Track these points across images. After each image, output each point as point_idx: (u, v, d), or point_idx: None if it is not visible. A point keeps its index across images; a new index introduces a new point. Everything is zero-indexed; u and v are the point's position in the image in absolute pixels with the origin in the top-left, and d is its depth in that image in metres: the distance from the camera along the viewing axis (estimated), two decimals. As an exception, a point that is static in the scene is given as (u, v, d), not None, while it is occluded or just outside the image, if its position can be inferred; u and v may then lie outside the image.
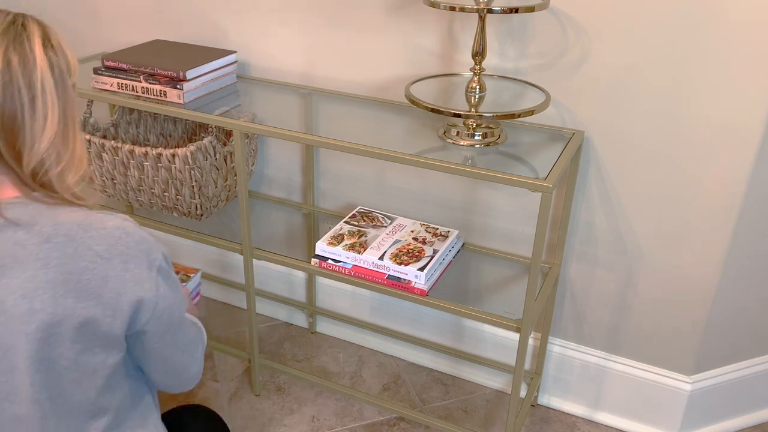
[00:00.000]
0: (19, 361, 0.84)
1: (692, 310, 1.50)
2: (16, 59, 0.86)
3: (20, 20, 0.90)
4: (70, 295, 0.83)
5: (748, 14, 1.22)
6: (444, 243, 1.51)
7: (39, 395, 0.86)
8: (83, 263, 0.84)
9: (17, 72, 0.85)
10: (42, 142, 0.87)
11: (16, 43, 0.87)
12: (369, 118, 1.55)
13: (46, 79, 0.88)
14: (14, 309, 0.82)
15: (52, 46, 0.91)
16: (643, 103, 1.37)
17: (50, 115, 0.88)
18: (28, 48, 0.87)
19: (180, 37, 1.81)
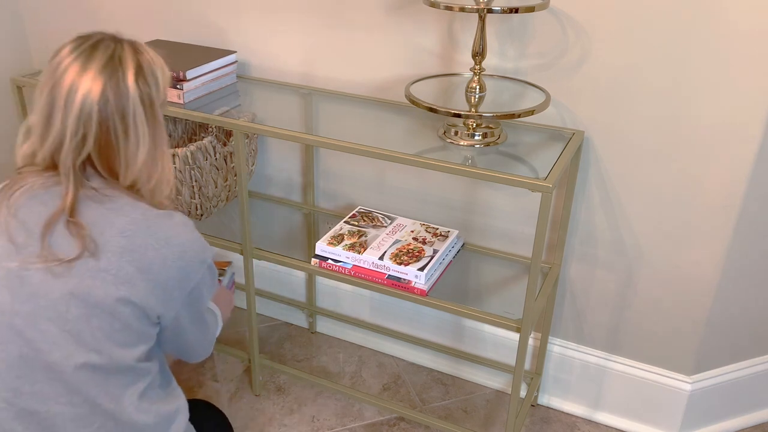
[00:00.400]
0: (92, 305, 0.97)
1: (692, 310, 1.50)
2: (112, 95, 0.98)
3: (118, 53, 1.01)
4: (134, 264, 0.98)
5: (748, 14, 1.22)
6: (444, 243, 1.51)
7: (97, 345, 0.97)
8: (151, 242, 0.99)
9: (113, 106, 0.98)
10: (135, 164, 1.02)
11: (113, 81, 0.99)
12: (369, 118, 1.55)
13: (138, 111, 1.01)
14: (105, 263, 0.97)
15: (143, 76, 1.02)
16: (643, 103, 1.37)
17: (141, 141, 1.02)
18: (122, 84, 0.99)
19: (180, 37, 1.81)
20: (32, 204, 1.00)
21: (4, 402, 0.97)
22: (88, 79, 0.98)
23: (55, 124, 0.98)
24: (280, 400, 1.75)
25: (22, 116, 1.70)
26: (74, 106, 0.97)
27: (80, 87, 0.97)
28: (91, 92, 0.97)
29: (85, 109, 0.97)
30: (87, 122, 0.97)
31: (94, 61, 0.99)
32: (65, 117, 0.97)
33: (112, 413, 1.00)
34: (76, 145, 0.98)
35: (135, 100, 1.00)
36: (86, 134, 0.98)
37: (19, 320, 0.96)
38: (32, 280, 0.96)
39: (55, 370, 0.96)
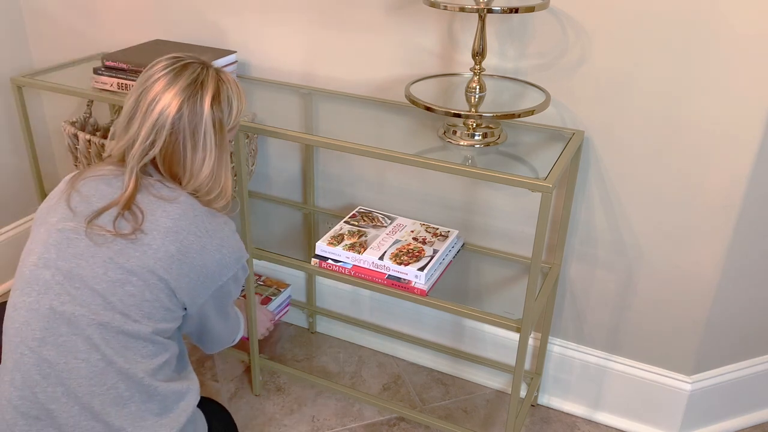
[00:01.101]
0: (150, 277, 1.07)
1: (692, 310, 1.50)
2: (187, 112, 1.11)
3: (202, 77, 1.14)
4: (175, 245, 1.07)
5: (748, 15, 1.23)
6: (444, 243, 1.51)
7: (125, 309, 1.06)
8: (194, 229, 1.10)
9: (185, 122, 1.11)
10: (198, 178, 1.14)
11: (191, 101, 1.11)
12: (369, 118, 1.55)
13: (208, 130, 1.13)
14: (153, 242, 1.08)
15: (219, 103, 1.15)
16: (643, 103, 1.37)
17: (207, 156, 1.14)
18: (199, 105, 1.12)
19: (180, 37, 1.81)
20: (97, 183, 1.12)
21: (29, 349, 1.05)
22: (170, 94, 1.11)
23: (133, 126, 1.11)
24: (280, 400, 1.75)
25: (22, 116, 1.70)
26: (152, 114, 1.10)
27: (162, 100, 1.10)
28: (169, 106, 1.10)
29: (160, 119, 1.10)
30: (159, 131, 1.10)
31: (180, 80, 1.12)
32: (142, 122, 1.10)
33: (125, 374, 1.06)
34: (144, 148, 1.10)
35: (207, 121, 1.13)
36: (155, 141, 1.10)
37: (58, 276, 1.05)
38: (80, 243, 1.06)
39: (79, 325, 1.04)
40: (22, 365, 1.05)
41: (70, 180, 1.15)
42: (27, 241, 1.13)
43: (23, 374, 1.05)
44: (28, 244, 1.12)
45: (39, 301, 1.05)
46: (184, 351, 1.21)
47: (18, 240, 2.15)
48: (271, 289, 1.85)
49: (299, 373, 1.73)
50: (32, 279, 1.07)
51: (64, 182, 1.15)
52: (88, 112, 1.71)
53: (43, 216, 1.13)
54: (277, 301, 1.83)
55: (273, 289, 1.86)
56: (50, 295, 1.05)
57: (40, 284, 1.06)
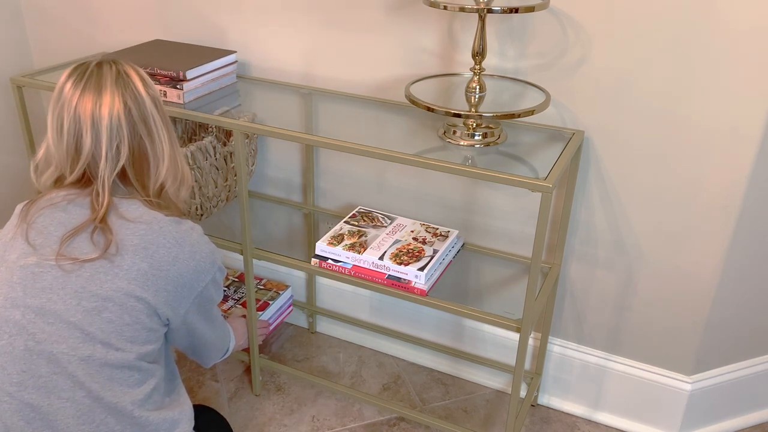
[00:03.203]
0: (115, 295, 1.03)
1: (692, 310, 1.50)
2: (132, 104, 1.09)
3: (121, 69, 1.11)
4: (146, 261, 1.04)
5: (748, 15, 1.22)
6: (444, 243, 1.51)
7: (105, 337, 1.02)
8: (163, 241, 1.07)
9: (135, 114, 1.09)
10: (163, 165, 1.12)
11: (127, 90, 1.09)
12: (369, 118, 1.55)
13: (154, 114, 1.12)
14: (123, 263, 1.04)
15: (146, 83, 1.13)
16: (643, 103, 1.37)
17: (164, 140, 1.13)
18: (136, 91, 1.10)
19: (180, 37, 1.81)
20: (52, 212, 1.07)
21: (8, 395, 0.99)
22: (107, 96, 1.07)
23: (86, 144, 1.07)
24: (280, 400, 1.75)
25: (22, 116, 1.70)
26: (103, 122, 1.06)
27: (104, 104, 1.07)
28: (114, 106, 1.07)
29: (113, 121, 1.07)
30: (119, 132, 1.07)
31: (105, 80, 1.08)
32: (96, 135, 1.07)
33: (114, 408, 1.01)
34: (112, 157, 1.07)
35: (150, 105, 1.11)
36: (120, 144, 1.07)
37: (29, 314, 1.00)
38: (46, 276, 1.02)
39: (60, 363, 0.99)
40: (3, 413, 0.99)
41: (21, 212, 1.09)
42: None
43: (5, 423, 0.99)
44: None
45: (12, 343, 1.00)
46: (174, 372, 1.17)
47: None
48: (270, 293, 1.85)
49: (299, 373, 1.73)
50: (1, 321, 1.01)
51: (16, 216, 1.10)
52: (88, 112, 1.71)
53: (0, 254, 1.07)
54: (276, 304, 1.83)
55: (272, 292, 1.85)
56: (24, 336, 1.00)
57: (10, 325, 1.00)
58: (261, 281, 1.91)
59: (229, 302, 1.84)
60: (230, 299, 1.85)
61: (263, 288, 1.88)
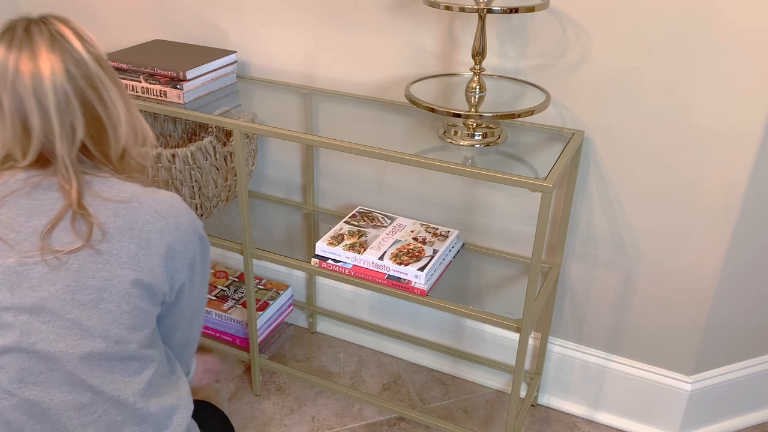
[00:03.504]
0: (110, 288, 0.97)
1: (692, 310, 1.50)
2: (74, 68, 0.96)
3: (54, 29, 0.98)
4: (134, 241, 0.98)
5: (748, 15, 1.23)
6: (444, 243, 1.51)
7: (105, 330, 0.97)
8: (146, 217, 1.00)
9: (80, 78, 0.97)
10: (121, 126, 1.02)
11: (66, 54, 0.96)
12: (369, 118, 1.55)
13: (100, 73, 0.99)
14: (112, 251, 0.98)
15: (85, 40, 1.00)
16: (643, 103, 1.37)
17: (116, 100, 1.01)
18: (76, 54, 0.97)
19: (180, 37, 1.81)
20: (16, 201, 0.98)
21: (7, 393, 0.97)
22: (44, 62, 0.94)
23: (34, 126, 0.95)
24: (280, 400, 1.75)
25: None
26: (48, 98, 0.94)
27: (42, 73, 0.94)
28: (55, 74, 0.95)
29: (59, 95, 0.95)
30: (68, 106, 0.96)
31: (38, 44, 0.95)
32: (43, 114, 0.95)
33: (116, 401, 1.00)
34: (67, 135, 0.96)
35: (93, 65, 0.99)
36: (73, 120, 0.96)
37: (21, 315, 0.95)
38: (32, 274, 0.95)
39: (60, 360, 0.96)
40: (4, 411, 0.97)
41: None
42: None
43: (6, 419, 0.97)
44: None
45: (6, 345, 0.95)
46: (169, 353, 1.14)
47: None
48: (270, 293, 1.85)
49: (299, 373, 1.73)
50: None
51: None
52: (88, 112, 1.71)
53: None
54: (276, 304, 1.83)
55: (272, 292, 1.86)
56: (18, 337, 0.95)
57: (3, 329, 0.95)
58: (261, 281, 1.91)
59: (229, 302, 1.84)
60: (230, 299, 1.85)
61: (263, 288, 1.88)
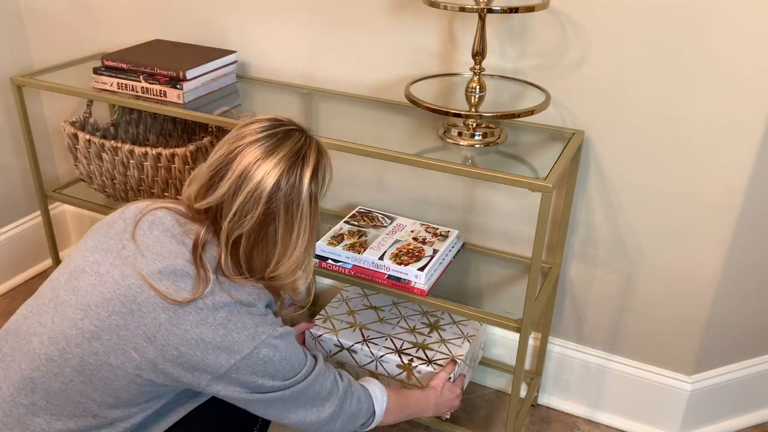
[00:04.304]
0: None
1: (692, 310, 1.50)
2: (285, 185, 1.02)
3: (304, 150, 1.05)
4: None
5: (748, 14, 1.22)
6: (444, 243, 1.51)
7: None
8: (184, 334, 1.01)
9: (282, 196, 1.02)
10: (286, 263, 1.06)
11: (291, 173, 1.02)
12: (369, 118, 1.55)
13: (305, 207, 1.04)
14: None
15: (317, 176, 1.06)
16: (643, 103, 1.37)
17: (302, 235, 1.05)
18: (298, 179, 1.03)
19: (180, 37, 1.81)
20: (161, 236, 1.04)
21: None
22: (269, 163, 1.01)
23: (222, 185, 1.02)
24: (280, 400, 1.74)
25: (21, 116, 1.70)
26: (249, 182, 1.00)
27: (260, 167, 1.01)
28: (268, 176, 1.00)
29: (258, 190, 1.00)
30: (255, 202, 1.00)
31: (282, 148, 1.03)
32: (236, 188, 1.00)
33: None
34: (235, 220, 1.01)
35: (305, 197, 1.04)
36: (248, 213, 1.01)
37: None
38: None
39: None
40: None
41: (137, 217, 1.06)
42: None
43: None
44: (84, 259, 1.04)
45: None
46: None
47: (18, 239, 2.15)
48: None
49: (299, 373, 1.73)
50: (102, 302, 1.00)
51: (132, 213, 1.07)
52: (87, 112, 1.71)
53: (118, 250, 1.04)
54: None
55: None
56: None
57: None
58: None
59: None
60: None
61: None
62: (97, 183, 1.68)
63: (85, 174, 1.69)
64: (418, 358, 1.52)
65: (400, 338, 1.59)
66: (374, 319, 1.66)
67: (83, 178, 1.71)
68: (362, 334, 1.60)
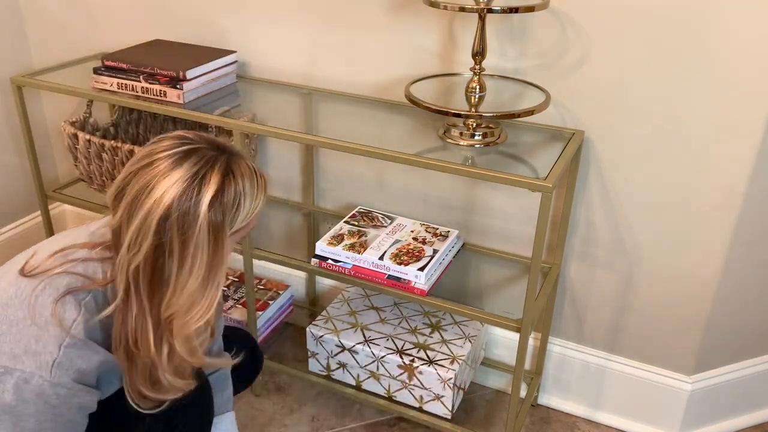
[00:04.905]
0: None
1: (692, 310, 1.50)
2: (177, 212, 0.90)
3: (204, 171, 0.93)
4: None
5: (748, 14, 1.22)
6: (444, 243, 1.51)
7: None
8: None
9: (173, 224, 0.90)
10: (183, 293, 0.94)
11: (185, 197, 0.91)
12: (369, 118, 1.55)
13: (201, 237, 0.92)
14: None
15: (222, 202, 0.93)
16: (643, 103, 1.37)
17: (196, 268, 0.93)
18: (194, 204, 0.91)
19: (180, 37, 1.81)
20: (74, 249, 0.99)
21: None
22: (170, 179, 0.91)
23: (119, 210, 0.94)
24: (280, 400, 1.75)
25: (21, 116, 1.70)
26: (141, 209, 0.91)
27: (153, 191, 0.91)
28: (160, 203, 0.91)
29: (148, 218, 0.91)
30: (146, 231, 0.91)
31: (179, 169, 0.92)
32: (130, 215, 0.92)
33: None
34: (133, 249, 0.92)
35: (202, 225, 0.92)
36: (141, 242, 0.91)
37: None
38: None
39: None
40: None
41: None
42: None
43: None
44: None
45: None
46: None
47: (18, 239, 2.15)
48: (270, 293, 1.85)
49: (299, 373, 1.73)
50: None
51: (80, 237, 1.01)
52: (87, 112, 1.71)
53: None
54: (276, 304, 1.83)
55: (272, 292, 1.86)
56: None
57: None
58: (261, 281, 1.91)
59: (229, 302, 1.84)
60: (230, 299, 1.85)
61: (263, 288, 1.88)
62: (97, 183, 1.68)
63: (85, 174, 1.69)
64: (420, 359, 1.52)
65: (402, 339, 1.59)
66: (375, 319, 1.66)
67: (83, 178, 1.71)
68: (363, 334, 1.60)
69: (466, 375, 1.61)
